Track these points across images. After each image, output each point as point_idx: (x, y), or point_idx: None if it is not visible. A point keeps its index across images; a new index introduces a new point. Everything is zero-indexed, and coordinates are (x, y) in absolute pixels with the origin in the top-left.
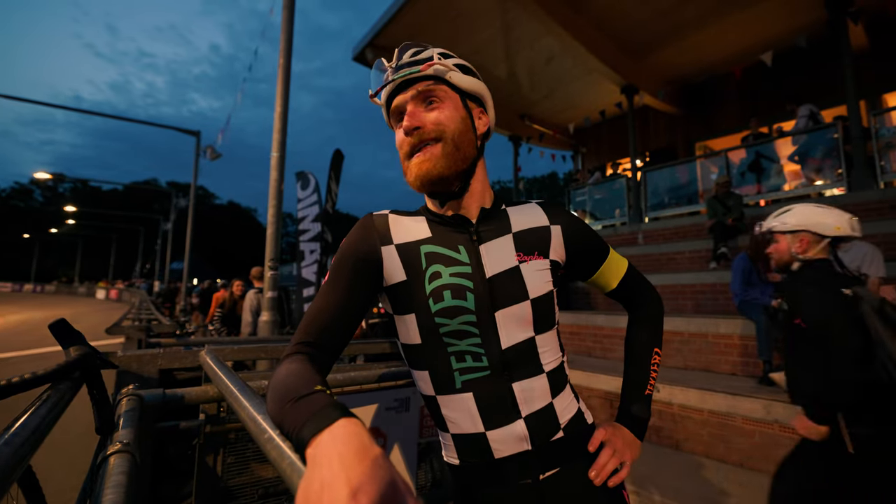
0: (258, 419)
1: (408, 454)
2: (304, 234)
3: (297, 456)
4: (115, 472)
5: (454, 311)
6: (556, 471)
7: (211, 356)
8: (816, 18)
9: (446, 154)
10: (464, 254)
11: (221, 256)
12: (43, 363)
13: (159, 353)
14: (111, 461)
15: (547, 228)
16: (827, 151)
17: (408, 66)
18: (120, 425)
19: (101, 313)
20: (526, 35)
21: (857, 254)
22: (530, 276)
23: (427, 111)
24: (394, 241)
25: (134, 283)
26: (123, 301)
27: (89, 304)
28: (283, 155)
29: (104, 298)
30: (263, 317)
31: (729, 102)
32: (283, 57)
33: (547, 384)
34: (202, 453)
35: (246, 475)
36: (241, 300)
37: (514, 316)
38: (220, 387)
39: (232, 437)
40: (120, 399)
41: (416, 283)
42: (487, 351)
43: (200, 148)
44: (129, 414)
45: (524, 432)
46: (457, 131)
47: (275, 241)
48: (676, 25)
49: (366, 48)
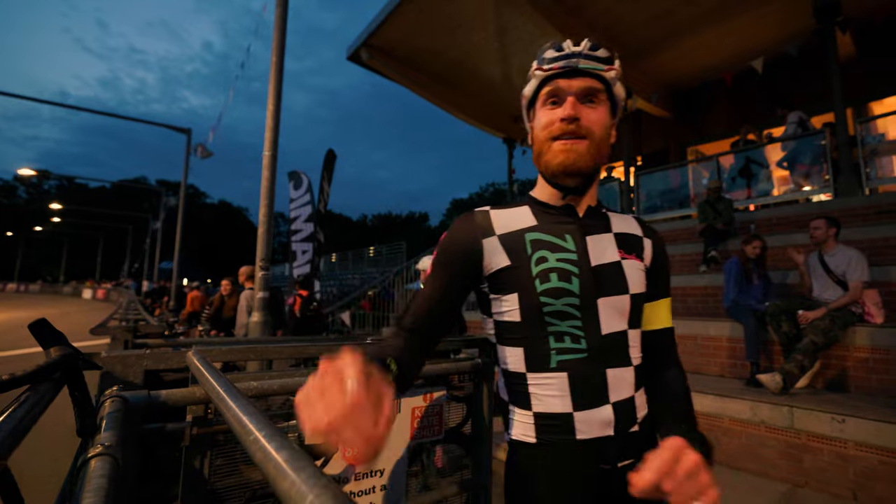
0: (244, 421)
1: (399, 457)
2: (297, 234)
3: (282, 458)
4: (96, 475)
5: (559, 292)
6: (632, 461)
7: (198, 357)
8: (805, 27)
9: (590, 152)
10: (570, 242)
11: (211, 256)
12: (25, 364)
13: (145, 354)
14: (92, 464)
15: (641, 239)
16: (815, 157)
17: (589, 58)
18: (102, 427)
19: (86, 313)
20: (521, 38)
21: (843, 258)
22: (630, 273)
23: (585, 107)
24: (496, 232)
25: (122, 283)
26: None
27: (75, 303)
28: (275, 154)
29: (91, 298)
30: (254, 317)
31: (720, 108)
32: (275, 55)
33: (633, 377)
34: (189, 456)
35: (234, 477)
36: (229, 300)
37: (615, 306)
38: (207, 388)
39: (221, 439)
40: (103, 401)
41: (521, 267)
42: (587, 334)
43: (191, 146)
44: (112, 416)
45: (610, 417)
46: (602, 136)
47: (266, 241)
48: (670, 31)
49: (360, 48)
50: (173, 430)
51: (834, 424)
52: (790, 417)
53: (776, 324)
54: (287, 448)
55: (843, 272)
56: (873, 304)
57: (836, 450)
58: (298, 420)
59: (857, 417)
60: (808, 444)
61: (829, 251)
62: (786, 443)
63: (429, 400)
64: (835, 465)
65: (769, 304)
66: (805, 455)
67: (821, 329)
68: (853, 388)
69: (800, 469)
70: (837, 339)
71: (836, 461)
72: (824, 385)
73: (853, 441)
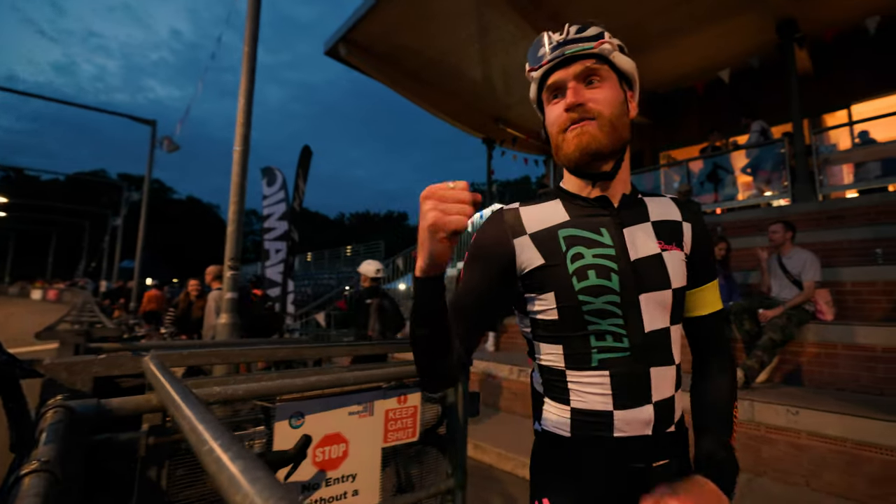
0: (199, 429)
1: (371, 460)
2: (270, 232)
3: (237, 468)
4: (29, 493)
5: (598, 290)
6: (667, 462)
7: (155, 362)
8: (768, 41)
9: (603, 131)
10: (606, 236)
11: (178, 255)
12: None
13: (94, 360)
14: (25, 482)
15: (680, 224)
16: (775, 165)
17: (574, 41)
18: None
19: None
20: (502, 39)
21: (799, 260)
22: (672, 265)
23: (588, 89)
24: (527, 231)
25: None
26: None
27: (22, 305)
28: (246, 150)
29: (41, 299)
30: (222, 319)
31: (691, 115)
32: (248, 45)
33: (675, 376)
34: (144, 467)
35: (196, 488)
36: (198, 301)
37: (657, 301)
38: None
39: (183, 448)
40: (44, 412)
41: (557, 266)
42: (630, 332)
43: (156, 138)
44: (53, 428)
45: (651, 417)
46: (615, 113)
47: (236, 240)
48: (643, 40)
49: (339, 43)
50: (127, 441)
51: (789, 416)
52: (751, 411)
53: (739, 322)
54: (243, 458)
55: (799, 273)
56: (825, 302)
57: (791, 440)
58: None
59: (809, 409)
60: (767, 435)
61: (786, 253)
62: (746, 435)
63: (403, 402)
64: (790, 455)
65: (732, 303)
66: (763, 446)
67: (779, 326)
68: (807, 382)
69: (759, 459)
70: (793, 335)
71: (791, 451)
72: (781, 379)
73: (806, 431)
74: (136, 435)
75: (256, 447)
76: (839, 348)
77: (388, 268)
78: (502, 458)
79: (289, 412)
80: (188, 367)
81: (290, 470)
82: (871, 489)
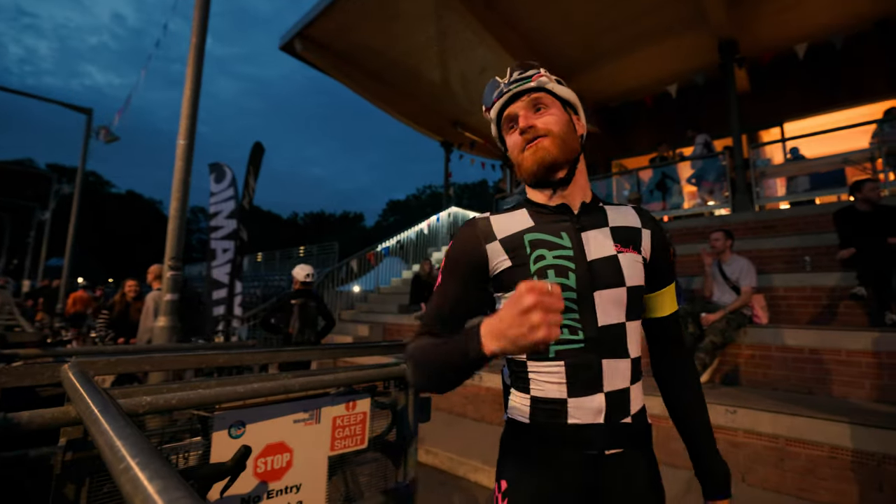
0: (116, 445)
1: (317, 469)
2: (217, 230)
3: (154, 489)
4: None
5: None
6: (621, 451)
7: (75, 370)
8: (711, 60)
9: (556, 144)
10: (566, 239)
11: (116, 253)
12: None
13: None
14: None
15: (639, 230)
16: (717, 176)
17: (517, 81)
18: None
19: None
20: (460, 44)
21: (737, 267)
22: (627, 266)
23: (537, 115)
24: (497, 237)
25: None
26: None
27: None
28: (191, 143)
29: None
30: (160, 322)
31: (641, 126)
32: (195, 36)
33: (629, 369)
34: (60, 485)
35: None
36: (135, 303)
37: (611, 298)
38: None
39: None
40: None
41: (522, 267)
42: (584, 326)
43: (92, 128)
44: None
45: (602, 406)
46: (562, 129)
47: (177, 238)
48: (596, 53)
49: (295, 38)
50: (39, 457)
51: (727, 415)
52: None
53: (684, 325)
54: (163, 477)
55: (737, 279)
56: (760, 307)
57: (729, 438)
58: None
59: (745, 408)
60: None
61: (726, 260)
62: None
63: (352, 408)
64: (728, 452)
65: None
66: None
67: (719, 330)
68: (744, 382)
69: None
70: (732, 338)
71: (729, 448)
72: (721, 380)
73: (742, 429)
74: (50, 450)
75: (192, 460)
76: (773, 350)
77: (342, 270)
78: (454, 462)
79: (228, 421)
80: (120, 374)
81: (227, 483)
82: (800, 482)
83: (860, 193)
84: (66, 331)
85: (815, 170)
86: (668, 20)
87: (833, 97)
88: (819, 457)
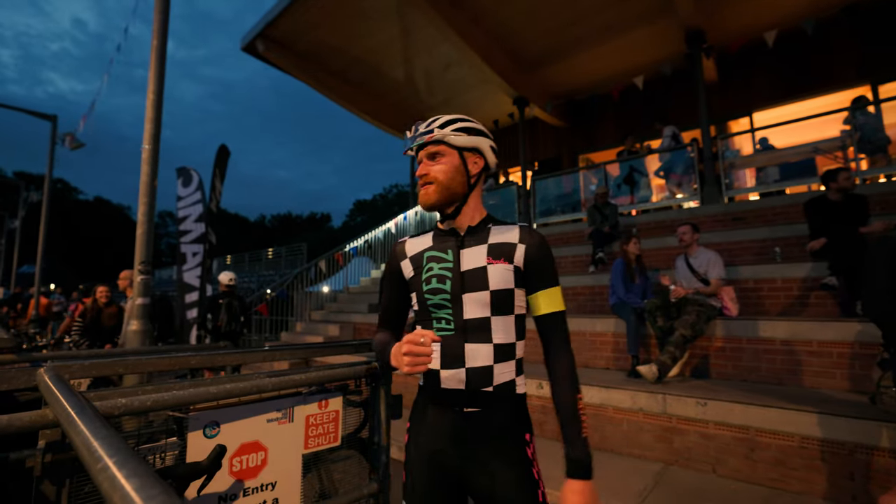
0: (93, 445)
1: (291, 467)
2: (186, 234)
3: (131, 487)
4: None
5: (436, 291)
6: (478, 410)
7: (50, 374)
8: (678, 51)
9: (437, 192)
10: (450, 255)
11: (86, 259)
12: None
13: None
14: None
15: (514, 245)
16: (686, 169)
17: (421, 134)
18: None
19: None
20: (424, 40)
21: (704, 259)
22: (494, 274)
23: (432, 163)
24: (408, 255)
25: None
26: None
27: None
28: (156, 148)
29: None
30: (132, 326)
31: (608, 119)
32: (156, 38)
33: (492, 352)
34: (39, 486)
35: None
36: (107, 308)
37: (477, 299)
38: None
39: None
40: None
41: (419, 275)
42: (455, 319)
43: (57, 135)
44: None
45: (463, 377)
46: (447, 178)
47: (146, 243)
48: (562, 45)
49: (256, 38)
50: (19, 460)
51: (698, 408)
52: (663, 404)
53: (653, 319)
54: (139, 476)
55: (705, 271)
56: (730, 299)
57: (700, 430)
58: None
59: (715, 400)
60: (678, 426)
61: (693, 253)
62: (660, 427)
63: (324, 407)
64: (698, 444)
65: (647, 301)
66: (675, 437)
67: (689, 323)
68: (714, 375)
69: (671, 449)
70: (702, 331)
71: (700, 440)
72: (691, 373)
73: (713, 421)
74: (29, 453)
75: (168, 460)
76: (743, 342)
77: (310, 270)
78: None
79: (203, 422)
80: (96, 378)
81: (203, 481)
82: (770, 472)
83: (835, 183)
84: (41, 336)
85: (785, 160)
86: (634, 10)
87: (802, 85)
88: (790, 447)
